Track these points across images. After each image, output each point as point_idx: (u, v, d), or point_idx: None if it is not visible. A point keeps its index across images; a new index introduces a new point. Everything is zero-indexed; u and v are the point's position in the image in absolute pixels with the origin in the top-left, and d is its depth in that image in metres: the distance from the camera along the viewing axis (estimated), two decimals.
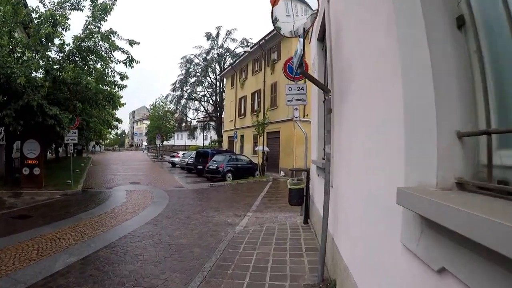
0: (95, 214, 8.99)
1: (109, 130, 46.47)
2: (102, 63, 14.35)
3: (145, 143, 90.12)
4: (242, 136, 27.53)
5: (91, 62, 14.37)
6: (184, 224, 7.68)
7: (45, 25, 11.03)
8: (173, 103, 41.73)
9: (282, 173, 20.75)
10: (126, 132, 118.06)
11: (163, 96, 39.81)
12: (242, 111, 27.46)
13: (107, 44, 13.50)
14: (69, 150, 14.97)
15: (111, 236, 6.85)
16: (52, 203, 10.94)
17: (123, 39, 13.56)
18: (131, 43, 13.45)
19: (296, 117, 7.67)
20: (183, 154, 27.30)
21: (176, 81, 41.69)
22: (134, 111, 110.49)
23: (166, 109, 40.99)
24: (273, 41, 22.85)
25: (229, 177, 17.39)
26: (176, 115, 43.01)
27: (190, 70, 41.23)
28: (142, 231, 7.18)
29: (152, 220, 8.21)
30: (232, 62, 32.24)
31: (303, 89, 7.84)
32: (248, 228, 6.86)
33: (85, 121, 19.15)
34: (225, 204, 10.47)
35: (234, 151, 27.99)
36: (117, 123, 26.73)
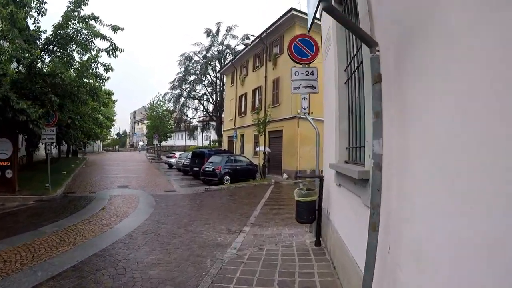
0: (63, 227, 7.45)
1: (104, 130, 45.07)
2: (89, 54, 12.85)
3: (141, 143, 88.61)
4: (242, 136, 25.85)
5: (73, 53, 12.86)
6: (162, 244, 6.02)
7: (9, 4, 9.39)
8: (172, 102, 40.06)
9: (285, 175, 19.06)
10: (128, 132, 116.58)
11: (160, 95, 38.12)
12: (243, 109, 25.76)
13: (87, 31, 11.93)
14: (47, 150, 13.24)
15: (66, 260, 5.25)
16: (21, 211, 9.42)
17: (106, 25, 11.98)
18: (114, 29, 11.84)
19: (304, 109, 6.01)
20: (180, 154, 25.63)
21: (175, 79, 40.04)
22: (135, 111, 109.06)
23: (164, 108, 39.37)
24: (275, 34, 21.21)
25: (226, 180, 15.72)
26: (175, 114, 41.32)
27: (190, 68, 39.57)
28: (107, 254, 5.55)
29: (125, 237, 6.58)
30: (232, 58, 30.57)
31: (313, 74, 6.21)
32: (243, 253, 5.19)
33: (72, 119, 17.50)
34: (218, 214, 8.80)
35: (234, 152, 26.39)
36: (109, 122, 25.14)
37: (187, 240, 6.24)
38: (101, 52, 12.39)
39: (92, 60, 12.81)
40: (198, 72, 39.24)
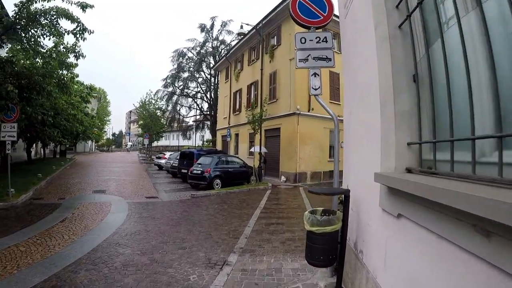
0: (1, 247, 5.67)
1: (96, 129, 42.83)
2: (55, 39, 11.00)
3: (129, 144, 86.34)
4: (236, 135, 23.90)
5: (39, 38, 10.96)
6: (107, 286, 4.10)
7: None
8: (164, 100, 37.93)
9: (283, 178, 17.14)
10: (124, 133, 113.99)
11: (152, 92, 35.91)
12: (237, 107, 23.78)
13: (53, 11, 10.04)
14: (7, 149, 11.21)
15: None
16: None
17: (74, 3, 10.04)
18: (83, 6, 9.91)
19: (315, 89, 4.11)
20: (170, 155, 23.64)
21: (168, 76, 37.92)
22: (130, 111, 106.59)
23: (157, 106, 37.19)
24: (272, 24, 19.30)
25: (217, 185, 13.78)
26: (167, 113, 39.19)
27: (183, 64, 37.53)
28: None
29: (66, 269, 4.71)
30: (226, 52, 28.58)
31: (326, 41, 4.32)
32: None
33: (45, 115, 15.40)
34: (199, 232, 6.84)
35: (228, 152, 24.48)
36: (93, 120, 23.00)
37: (146, 278, 4.30)
38: (68, 34, 10.52)
39: (60, 48, 11.01)
40: (192, 69, 37.24)
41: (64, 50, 11.34)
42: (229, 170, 14.58)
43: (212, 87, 37.05)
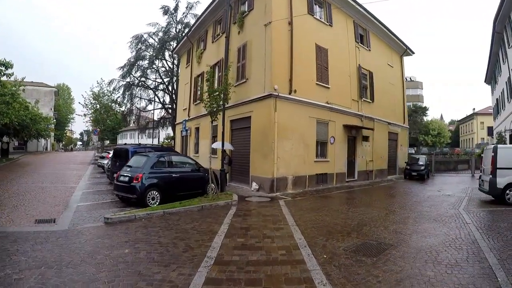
0: None
1: (50, 127, 35.94)
2: None
3: (79, 143, 78.38)
4: (197, 129, 18.71)
5: None
6: None
7: None
8: (120, 91, 31.85)
9: (254, 186, 12.28)
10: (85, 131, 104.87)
11: (103, 81, 29.68)
12: (198, 94, 18.61)
13: None
14: None
15: None
16: None
17: None
18: None
19: None
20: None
21: (125, 64, 31.87)
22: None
23: (112, 98, 31.08)
24: None
25: (153, 199, 8.66)
26: (123, 108, 33.10)
27: (142, 51, 31.72)
28: None
29: None
30: (187, 31, 23.22)
31: None
32: None
33: None
34: None
35: (187, 151, 19.40)
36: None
37: None
38: None
39: None
40: (153, 56, 31.51)
41: None
42: (173, 176, 9.36)
43: (175, 77, 31.54)
